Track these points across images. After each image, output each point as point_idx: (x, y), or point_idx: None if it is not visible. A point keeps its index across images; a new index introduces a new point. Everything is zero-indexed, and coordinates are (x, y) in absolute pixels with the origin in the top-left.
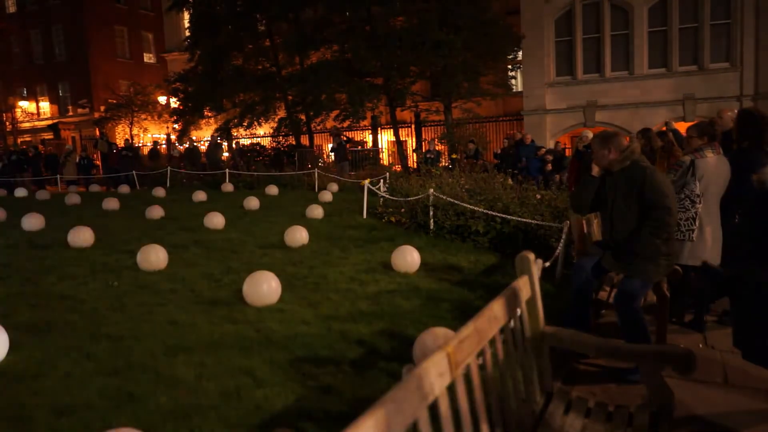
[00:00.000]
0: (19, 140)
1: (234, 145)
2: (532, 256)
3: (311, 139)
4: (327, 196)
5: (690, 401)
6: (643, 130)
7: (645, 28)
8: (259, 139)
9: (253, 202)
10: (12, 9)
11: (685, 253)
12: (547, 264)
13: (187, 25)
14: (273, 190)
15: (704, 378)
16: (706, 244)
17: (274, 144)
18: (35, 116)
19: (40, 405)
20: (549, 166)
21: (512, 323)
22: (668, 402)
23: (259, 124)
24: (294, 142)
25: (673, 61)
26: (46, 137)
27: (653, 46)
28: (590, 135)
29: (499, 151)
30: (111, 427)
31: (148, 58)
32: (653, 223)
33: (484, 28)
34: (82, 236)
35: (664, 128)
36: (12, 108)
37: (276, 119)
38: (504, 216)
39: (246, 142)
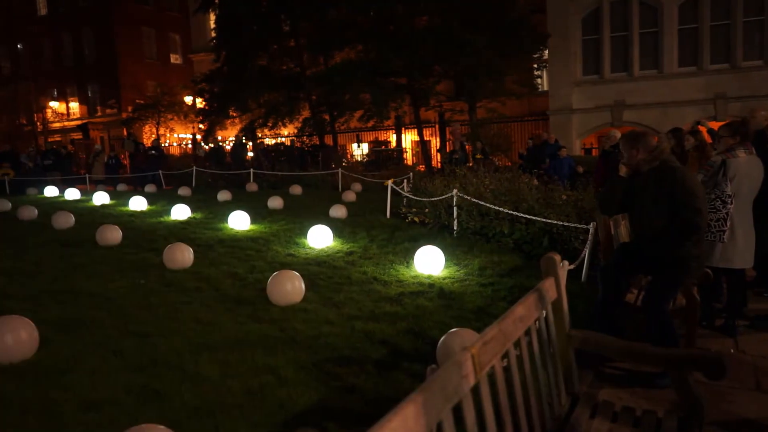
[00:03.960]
0: (49, 139)
1: (259, 145)
2: (557, 257)
3: (335, 139)
4: (350, 195)
5: (720, 407)
6: (673, 130)
7: (675, 26)
8: (283, 139)
9: (277, 202)
10: (43, 11)
11: (716, 255)
12: (573, 266)
13: (213, 26)
14: (297, 189)
15: (735, 384)
16: (738, 246)
17: (299, 144)
18: (65, 116)
19: (68, 400)
20: (580, 168)
21: (537, 325)
22: (698, 407)
23: (284, 125)
24: (318, 142)
25: (704, 59)
26: (76, 137)
27: (683, 44)
28: (618, 134)
29: (524, 152)
30: (137, 422)
31: (175, 59)
32: (682, 225)
33: (509, 27)
34: (110, 235)
35: (698, 127)
36: (43, 108)
37: (300, 119)
38: (529, 217)
39: (270, 141)
